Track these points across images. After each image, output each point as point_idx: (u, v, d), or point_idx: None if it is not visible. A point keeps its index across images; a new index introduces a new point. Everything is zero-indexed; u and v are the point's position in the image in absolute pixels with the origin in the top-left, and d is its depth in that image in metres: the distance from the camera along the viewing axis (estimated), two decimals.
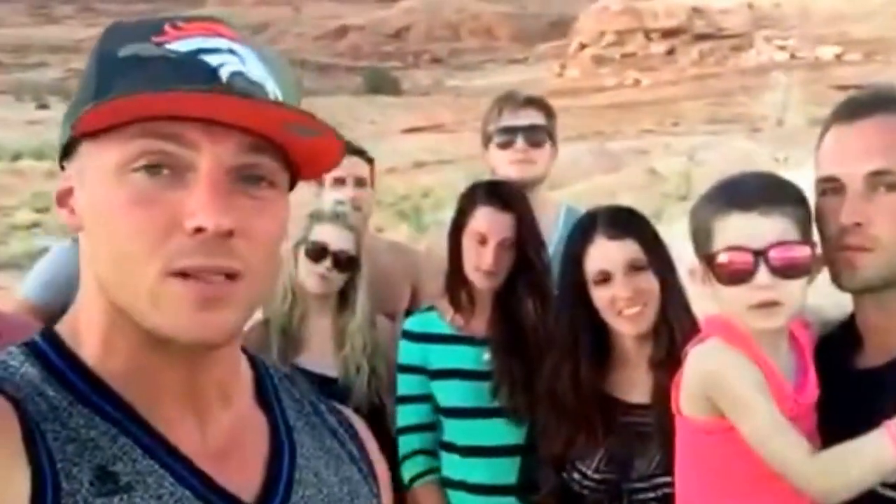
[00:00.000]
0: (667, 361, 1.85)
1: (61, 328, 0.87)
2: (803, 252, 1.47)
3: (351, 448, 1.01)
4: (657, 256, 2.03)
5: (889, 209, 1.45)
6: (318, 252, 2.59)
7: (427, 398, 2.49)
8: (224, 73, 0.81)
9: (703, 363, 1.55)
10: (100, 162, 0.80)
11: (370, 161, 3.12)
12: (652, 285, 2.00)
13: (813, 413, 1.53)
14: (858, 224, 1.45)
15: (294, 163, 0.87)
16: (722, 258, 1.49)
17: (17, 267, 18.10)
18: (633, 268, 1.99)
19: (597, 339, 2.06)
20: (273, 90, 0.83)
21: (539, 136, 2.75)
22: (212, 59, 0.81)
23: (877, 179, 1.45)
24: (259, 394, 0.96)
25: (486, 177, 2.74)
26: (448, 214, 2.63)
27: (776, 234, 1.46)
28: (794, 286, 1.47)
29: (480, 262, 2.37)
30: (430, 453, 2.50)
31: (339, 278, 2.60)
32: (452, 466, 2.47)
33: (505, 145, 2.73)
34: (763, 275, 1.45)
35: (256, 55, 0.84)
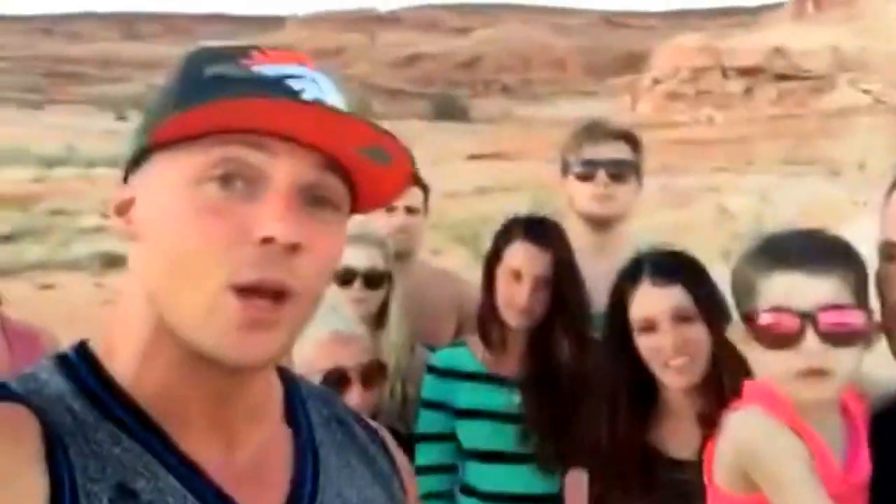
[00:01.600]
0: (717, 416, 1.60)
1: (94, 343, 0.87)
2: (857, 318, 1.34)
3: (381, 465, 1.01)
4: (708, 305, 1.89)
5: None
6: (346, 276, 2.51)
7: (449, 437, 2.41)
8: (306, 97, 0.82)
9: (740, 433, 1.42)
10: (174, 171, 0.81)
11: (425, 188, 3.04)
12: (700, 336, 1.88)
13: (864, 494, 1.40)
14: None
15: (357, 190, 0.87)
16: (765, 319, 1.37)
17: (79, 269, 18.93)
18: (680, 317, 1.89)
19: (641, 388, 1.96)
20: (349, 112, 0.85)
21: (623, 170, 2.59)
22: (295, 84, 0.83)
23: None
24: (287, 410, 0.96)
25: (551, 205, 2.67)
26: None
27: (827, 295, 1.33)
28: (846, 354, 1.34)
29: (514, 300, 2.29)
30: (447, 496, 2.41)
31: (373, 297, 2.54)
32: None
33: (585, 178, 2.58)
34: (811, 340, 1.32)
35: (335, 86, 0.86)
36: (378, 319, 2.57)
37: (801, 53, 62.74)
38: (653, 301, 1.92)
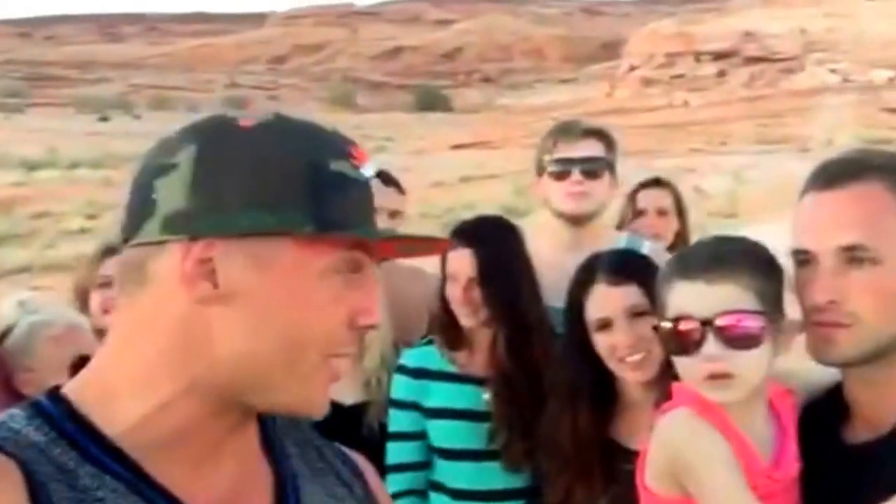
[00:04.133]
0: None
1: (70, 389, 0.89)
2: (755, 322, 1.39)
3: (356, 490, 1.04)
4: None
5: (864, 285, 1.35)
6: None
7: (421, 436, 2.44)
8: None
9: (667, 434, 1.45)
10: (301, 263, 0.88)
11: (403, 192, 3.20)
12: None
13: (794, 488, 1.44)
14: (832, 301, 1.36)
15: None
16: (669, 327, 1.44)
17: (64, 269, 19.10)
18: (635, 314, 1.95)
19: (601, 385, 2.03)
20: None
21: (596, 167, 2.63)
22: (374, 183, 0.96)
23: (849, 254, 1.35)
24: (263, 440, 0.98)
25: (530, 190, 2.73)
26: None
27: (724, 302, 1.39)
28: (748, 357, 1.39)
29: (454, 301, 2.37)
30: (420, 493, 2.45)
31: None
32: None
33: (560, 176, 2.62)
34: (711, 345, 1.38)
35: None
36: None
37: (770, 36, 63.65)
38: (608, 300, 1.97)
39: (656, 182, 3.57)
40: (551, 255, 2.50)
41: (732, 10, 72.46)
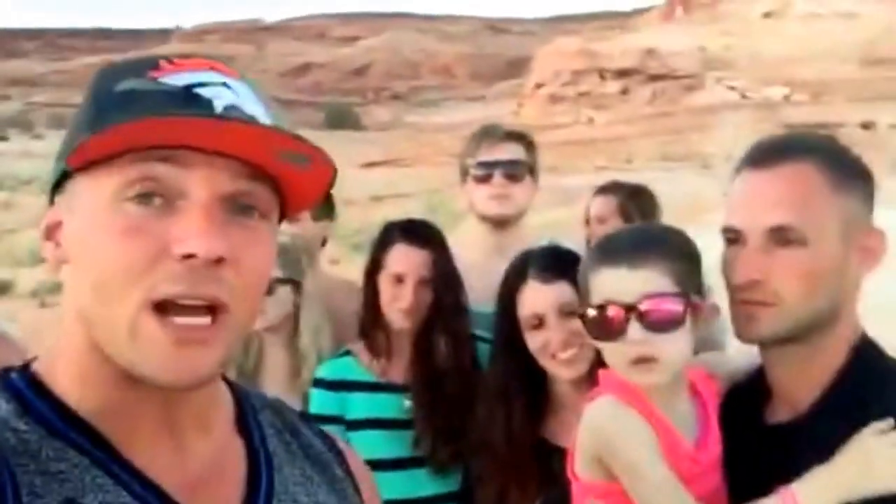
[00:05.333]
0: None
1: (38, 364, 0.88)
2: (677, 305, 1.42)
3: (336, 471, 1.01)
4: None
5: (789, 265, 1.37)
6: None
7: None
8: (218, 105, 0.82)
9: (595, 422, 1.48)
10: (93, 193, 0.81)
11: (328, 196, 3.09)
12: None
13: (717, 469, 1.48)
14: (757, 280, 1.39)
15: (285, 196, 0.88)
16: (593, 313, 1.46)
17: None
18: (566, 312, 1.93)
19: (533, 384, 2.01)
20: (266, 122, 0.85)
21: (518, 170, 2.69)
22: (206, 92, 0.82)
23: (777, 235, 1.38)
24: (239, 421, 0.96)
25: (443, 210, 2.78)
26: None
27: (646, 286, 1.41)
28: (671, 340, 1.41)
29: (399, 302, 2.31)
30: None
31: (272, 304, 2.47)
32: None
33: (482, 179, 2.68)
34: (635, 329, 1.40)
35: (250, 89, 0.86)
36: (295, 329, 2.57)
37: (671, 54, 65.74)
38: (540, 298, 1.97)
39: (602, 189, 3.70)
40: (475, 258, 2.55)
41: (634, 28, 74.54)
